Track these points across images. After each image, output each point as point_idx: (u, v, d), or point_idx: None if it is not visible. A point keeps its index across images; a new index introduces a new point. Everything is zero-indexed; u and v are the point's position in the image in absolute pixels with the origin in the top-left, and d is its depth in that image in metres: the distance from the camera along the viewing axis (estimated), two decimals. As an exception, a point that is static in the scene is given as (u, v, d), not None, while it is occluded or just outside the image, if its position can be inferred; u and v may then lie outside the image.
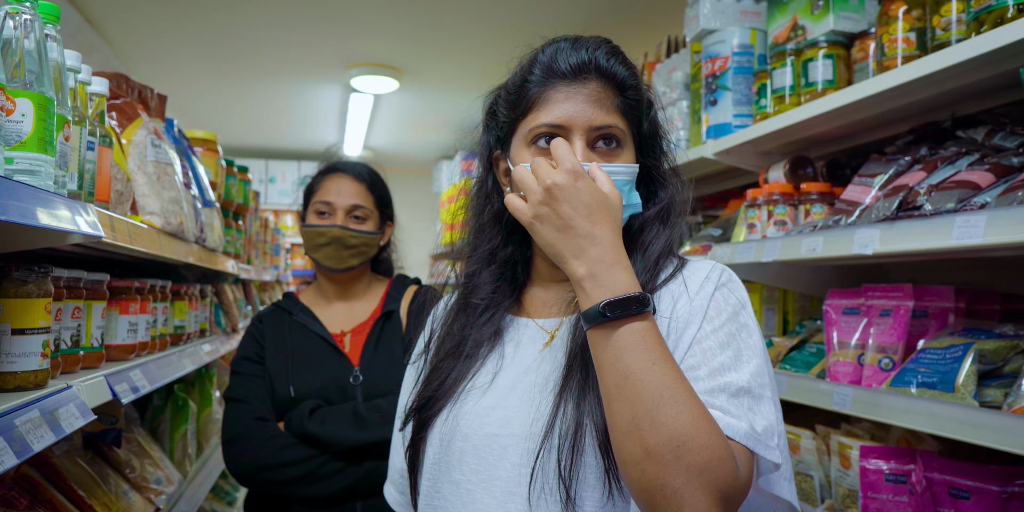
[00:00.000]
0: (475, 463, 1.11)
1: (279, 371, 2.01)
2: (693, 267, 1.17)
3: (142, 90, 2.10)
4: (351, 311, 2.15)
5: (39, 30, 1.20)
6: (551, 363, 1.14)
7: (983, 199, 1.46)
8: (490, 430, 1.11)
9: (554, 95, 1.14)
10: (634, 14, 4.11)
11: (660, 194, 1.22)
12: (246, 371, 2.02)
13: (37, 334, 1.29)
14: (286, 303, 2.16)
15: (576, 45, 1.16)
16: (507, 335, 1.23)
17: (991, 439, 1.32)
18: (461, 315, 1.26)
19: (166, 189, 1.96)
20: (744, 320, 1.10)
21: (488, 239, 1.26)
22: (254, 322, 2.14)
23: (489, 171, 1.27)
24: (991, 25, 1.44)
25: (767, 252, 1.98)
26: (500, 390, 1.15)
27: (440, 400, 1.19)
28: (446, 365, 1.22)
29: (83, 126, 1.43)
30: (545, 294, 1.26)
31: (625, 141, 1.16)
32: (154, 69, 5.30)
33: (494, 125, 1.25)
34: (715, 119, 2.42)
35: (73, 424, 1.25)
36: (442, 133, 7.09)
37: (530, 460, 1.06)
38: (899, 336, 1.73)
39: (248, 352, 2.06)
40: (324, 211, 2.09)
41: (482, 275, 1.26)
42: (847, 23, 2.02)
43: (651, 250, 1.18)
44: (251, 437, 1.89)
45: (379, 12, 4.24)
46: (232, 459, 1.91)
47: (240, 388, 1.99)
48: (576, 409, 1.05)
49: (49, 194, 1.17)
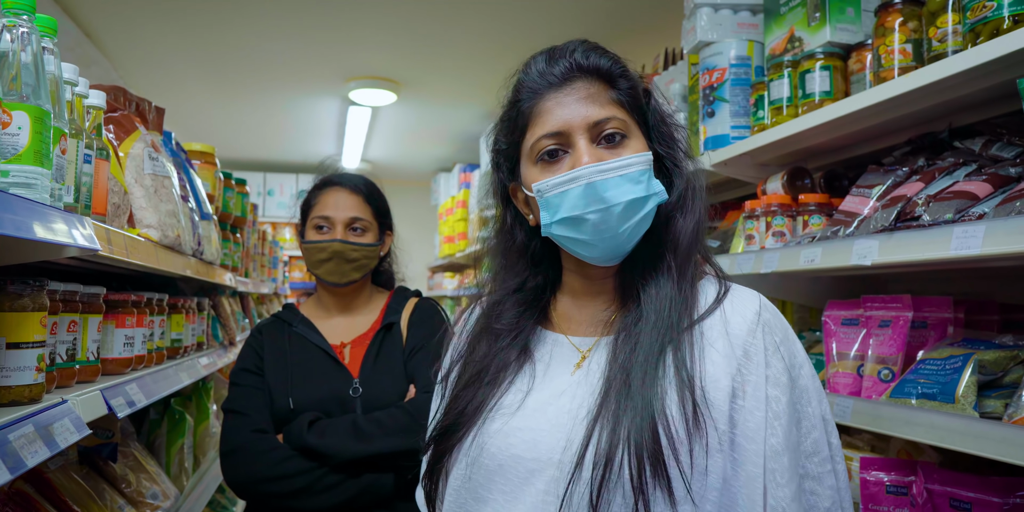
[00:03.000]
0: (502, 483, 1.09)
1: (278, 383, 1.99)
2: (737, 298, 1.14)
3: (140, 103, 2.10)
4: (351, 323, 2.14)
5: (36, 43, 1.19)
6: (586, 388, 1.10)
7: (981, 209, 1.46)
8: (515, 451, 1.08)
9: (545, 106, 1.13)
10: (632, 26, 4.13)
11: (676, 182, 1.19)
12: (245, 383, 2.01)
13: (32, 348, 1.28)
14: (286, 314, 2.14)
15: (552, 54, 1.16)
16: (538, 352, 1.20)
17: (992, 450, 1.32)
18: (484, 341, 1.23)
19: (163, 202, 1.96)
20: (804, 383, 1.10)
21: (516, 274, 1.24)
22: (253, 333, 2.12)
23: (508, 205, 1.25)
24: (987, 36, 1.45)
25: (766, 263, 1.98)
26: (528, 411, 1.12)
27: (460, 429, 1.15)
28: (466, 394, 1.18)
29: (80, 139, 1.43)
30: (576, 309, 1.23)
31: (630, 131, 1.14)
32: (152, 82, 5.32)
33: (501, 160, 1.23)
34: (713, 131, 2.43)
35: (68, 439, 1.24)
36: (440, 146, 7.11)
37: (558, 488, 1.03)
38: (898, 347, 1.72)
39: (247, 363, 2.04)
40: (323, 226, 2.08)
41: (507, 303, 1.23)
42: (844, 35, 2.03)
43: (681, 247, 1.15)
44: (250, 449, 1.87)
45: (377, 25, 4.26)
46: (230, 471, 1.89)
47: (239, 400, 1.98)
48: (610, 440, 1.02)
49: (45, 207, 1.16)
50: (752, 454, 1.03)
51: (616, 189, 1.09)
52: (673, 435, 1.01)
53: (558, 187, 1.10)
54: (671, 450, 1.00)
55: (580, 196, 1.09)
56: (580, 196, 1.09)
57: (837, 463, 1.10)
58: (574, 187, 1.09)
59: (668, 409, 1.03)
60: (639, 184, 1.10)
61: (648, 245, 1.16)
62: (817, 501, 1.06)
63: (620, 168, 1.09)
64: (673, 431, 1.01)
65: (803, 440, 1.07)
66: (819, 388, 1.12)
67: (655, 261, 1.15)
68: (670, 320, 1.10)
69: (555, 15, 4.02)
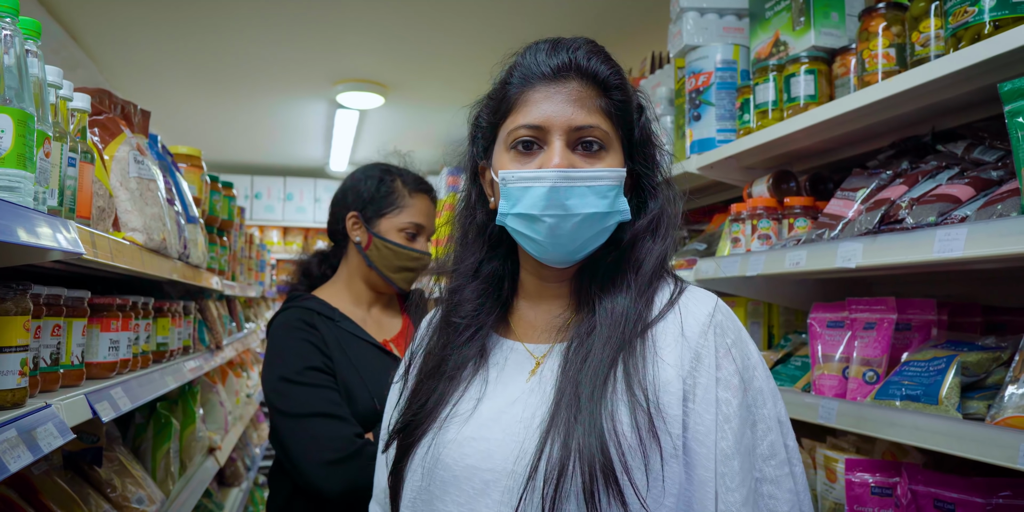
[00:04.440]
0: (456, 494, 1.07)
1: (355, 383, 1.88)
2: (691, 300, 1.13)
3: (125, 106, 2.09)
4: (381, 319, 2.10)
5: (19, 46, 1.19)
6: (540, 396, 1.09)
7: (963, 212, 1.47)
8: (470, 462, 1.07)
9: (533, 96, 1.12)
10: (619, 31, 4.14)
11: (650, 205, 1.18)
12: (320, 383, 1.85)
13: (15, 352, 1.27)
14: (322, 308, 1.99)
15: (556, 45, 1.14)
16: (492, 358, 1.18)
17: (975, 451, 1.33)
18: (443, 333, 1.22)
19: (149, 205, 1.95)
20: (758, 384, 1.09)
21: (472, 253, 1.23)
22: (304, 328, 1.94)
23: (475, 182, 1.24)
24: (968, 41, 1.46)
25: (751, 266, 1.99)
26: (482, 420, 1.10)
27: (422, 425, 1.14)
28: (427, 387, 1.18)
29: (64, 142, 1.42)
30: (533, 314, 1.22)
31: (610, 144, 1.13)
32: (138, 85, 5.30)
33: (479, 136, 1.22)
34: (699, 134, 2.44)
35: (52, 444, 1.23)
36: (427, 149, 7.06)
37: (512, 499, 1.02)
38: (883, 349, 1.73)
39: (315, 362, 1.87)
40: (414, 234, 2.06)
41: (465, 291, 1.21)
42: (828, 39, 2.04)
43: (644, 269, 1.14)
44: (362, 455, 1.74)
45: (365, 28, 4.26)
46: (345, 480, 1.73)
47: (323, 402, 1.81)
48: (562, 450, 1.00)
49: (29, 210, 1.16)
50: (703, 458, 1.03)
51: (580, 199, 1.08)
52: (624, 449, 1.00)
53: (523, 181, 1.09)
54: (621, 464, 0.99)
55: (542, 197, 1.08)
56: (542, 197, 1.08)
57: (795, 466, 1.10)
58: (538, 186, 1.08)
59: (619, 423, 1.02)
60: (604, 199, 1.09)
61: (610, 260, 1.15)
62: (776, 505, 1.05)
63: (589, 179, 1.08)
64: (625, 444, 1.00)
65: (759, 443, 1.06)
66: (774, 389, 1.11)
67: (614, 277, 1.14)
68: (623, 331, 1.09)
69: (542, 19, 4.03)
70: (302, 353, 1.88)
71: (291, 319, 1.96)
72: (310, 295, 2.06)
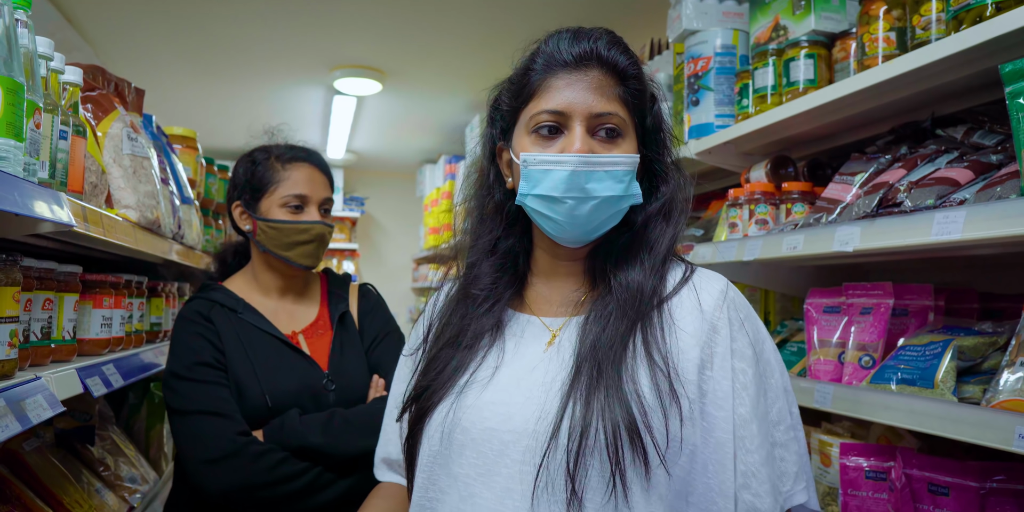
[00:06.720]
0: (474, 457, 1.11)
1: (247, 377, 1.79)
2: (703, 278, 1.20)
3: (119, 83, 2.07)
4: (296, 309, 1.97)
5: (9, 15, 1.17)
6: (558, 363, 1.14)
7: (962, 195, 1.46)
8: (489, 424, 1.11)
9: (555, 82, 1.16)
10: (617, 17, 4.12)
11: (662, 189, 1.24)
12: (207, 378, 1.76)
13: (5, 323, 1.26)
14: (224, 298, 1.89)
15: (578, 35, 1.19)
16: (508, 330, 1.23)
17: (970, 434, 1.32)
18: (461, 305, 1.26)
19: (142, 183, 1.94)
20: (767, 357, 1.17)
21: (489, 230, 1.28)
22: (199, 321, 1.84)
23: (492, 162, 1.29)
24: (970, 23, 1.45)
25: (748, 251, 1.98)
26: (502, 385, 1.15)
27: (439, 391, 1.18)
28: (445, 355, 1.22)
29: (55, 114, 1.41)
30: (548, 290, 1.26)
31: (626, 131, 1.18)
32: (135, 69, 5.26)
33: (498, 117, 1.27)
34: (697, 119, 2.43)
35: (41, 415, 1.22)
36: (425, 136, 7.08)
37: (534, 458, 1.06)
38: (879, 334, 1.73)
39: (206, 356, 1.78)
40: (298, 205, 1.90)
41: (482, 266, 1.26)
42: (828, 23, 2.03)
43: (657, 250, 1.20)
44: (242, 455, 1.66)
45: (362, 13, 4.23)
46: (221, 480, 1.65)
47: (208, 399, 1.73)
48: (585, 409, 1.05)
49: (18, 180, 1.14)
50: (721, 421, 1.09)
51: (599, 183, 1.13)
52: (646, 409, 1.05)
53: (545, 164, 1.14)
54: (643, 422, 1.04)
55: (563, 180, 1.13)
56: (563, 180, 1.13)
57: (798, 431, 1.18)
58: (560, 170, 1.13)
59: (640, 385, 1.08)
60: (620, 183, 1.15)
61: (623, 241, 1.21)
62: (786, 466, 1.14)
63: (608, 164, 1.14)
64: (646, 405, 1.06)
65: (769, 409, 1.14)
66: (780, 361, 1.19)
67: (628, 256, 1.20)
68: (639, 301, 1.15)
69: (540, 5, 4.01)
70: (193, 348, 1.80)
71: (189, 312, 1.88)
72: (219, 285, 1.96)
